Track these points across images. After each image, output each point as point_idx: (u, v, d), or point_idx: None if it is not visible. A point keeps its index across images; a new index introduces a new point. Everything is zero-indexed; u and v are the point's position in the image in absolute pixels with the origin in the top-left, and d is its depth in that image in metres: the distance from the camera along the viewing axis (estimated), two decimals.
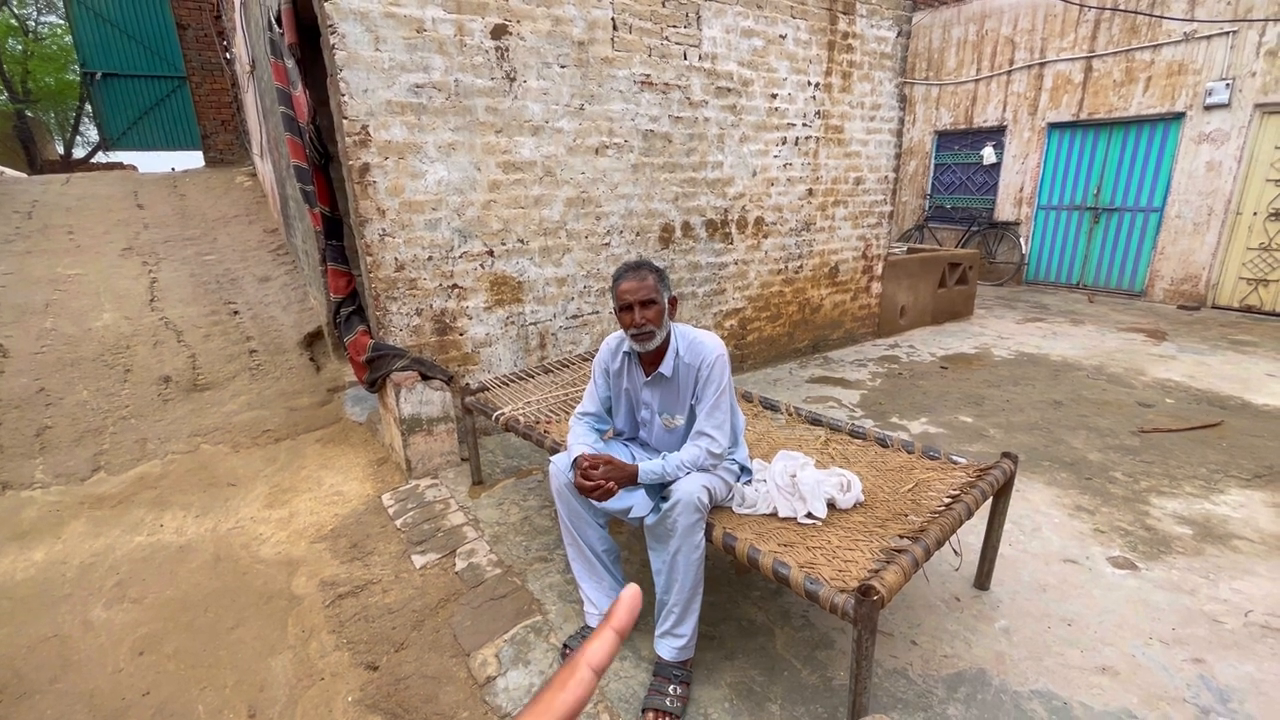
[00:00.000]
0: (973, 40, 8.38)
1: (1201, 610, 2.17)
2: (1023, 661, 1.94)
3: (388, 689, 2.00)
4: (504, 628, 2.17)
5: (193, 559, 2.75)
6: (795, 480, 1.95)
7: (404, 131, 3.00)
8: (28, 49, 17.66)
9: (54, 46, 18.06)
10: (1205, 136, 6.56)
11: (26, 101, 17.33)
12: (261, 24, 4.66)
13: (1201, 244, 6.75)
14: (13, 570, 2.69)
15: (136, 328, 4.87)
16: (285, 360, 4.77)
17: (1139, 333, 5.88)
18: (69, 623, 2.37)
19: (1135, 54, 6.93)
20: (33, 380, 4.12)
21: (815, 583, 1.54)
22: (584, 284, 3.79)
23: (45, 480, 3.38)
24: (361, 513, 3.03)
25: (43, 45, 17.96)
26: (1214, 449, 3.43)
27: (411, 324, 3.25)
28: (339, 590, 2.49)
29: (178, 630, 2.32)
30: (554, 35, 3.31)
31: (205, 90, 9.68)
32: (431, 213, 3.17)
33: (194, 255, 6.48)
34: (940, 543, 1.70)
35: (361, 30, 2.81)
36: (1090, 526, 2.69)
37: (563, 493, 1.97)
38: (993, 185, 8.55)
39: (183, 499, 3.23)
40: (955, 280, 6.37)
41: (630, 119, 3.71)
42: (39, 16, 18.42)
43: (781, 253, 4.77)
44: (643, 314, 1.89)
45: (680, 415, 2.04)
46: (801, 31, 4.34)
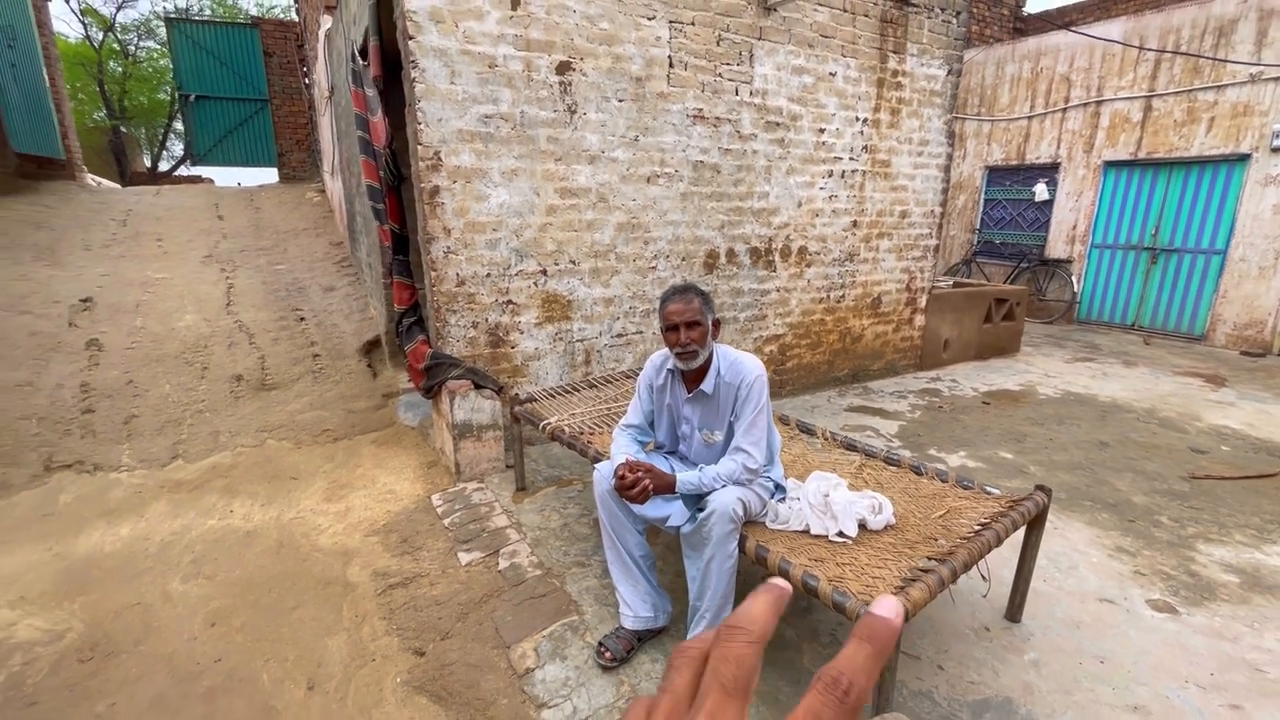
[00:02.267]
0: (1026, 77, 8.36)
1: (1243, 658, 2.13)
2: (1051, 694, 1.95)
3: (433, 673, 2.14)
4: (543, 624, 2.29)
5: (258, 544, 2.98)
6: (828, 499, 2.03)
7: (472, 158, 3.24)
8: (126, 70, 19.22)
9: (149, 69, 19.62)
10: (1272, 179, 6.36)
11: (122, 118, 18.84)
12: (344, 55, 5.06)
13: (1268, 289, 6.50)
14: (102, 543, 2.96)
15: (214, 329, 5.27)
16: (345, 365, 5.07)
17: (1196, 377, 5.70)
18: (150, 593, 2.60)
19: (1198, 94, 6.81)
20: (123, 373, 4.51)
21: (843, 595, 1.62)
22: (630, 305, 3.95)
23: (130, 464, 3.69)
24: (412, 511, 3.22)
25: (139, 68, 19.51)
26: (1270, 499, 3.32)
27: (468, 336, 3.45)
28: (390, 580, 2.66)
29: (245, 607, 2.52)
30: (614, 72, 3.54)
31: (284, 112, 10.41)
32: (492, 233, 3.39)
33: (266, 264, 6.95)
34: (968, 566, 1.75)
35: (440, 65, 3.07)
36: (1130, 568, 2.66)
37: (605, 499, 2.10)
38: (1044, 222, 8.43)
39: (250, 488, 3.49)
40: (1001, 316, 6.30)
41: (681, 150, 3.89)
42: (139, 41, 19.99)
43: (824, 282, 4.85)
44: (688, 334, 2.02)
45: (719, 431, 2.15)
46: (851, 69, 4.47)
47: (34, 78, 8.25)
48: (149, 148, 21.62)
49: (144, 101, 19.50)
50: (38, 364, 4.45)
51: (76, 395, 4.20)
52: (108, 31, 18.34)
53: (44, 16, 8.83)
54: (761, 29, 4.00)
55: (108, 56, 18.62)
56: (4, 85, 7.67)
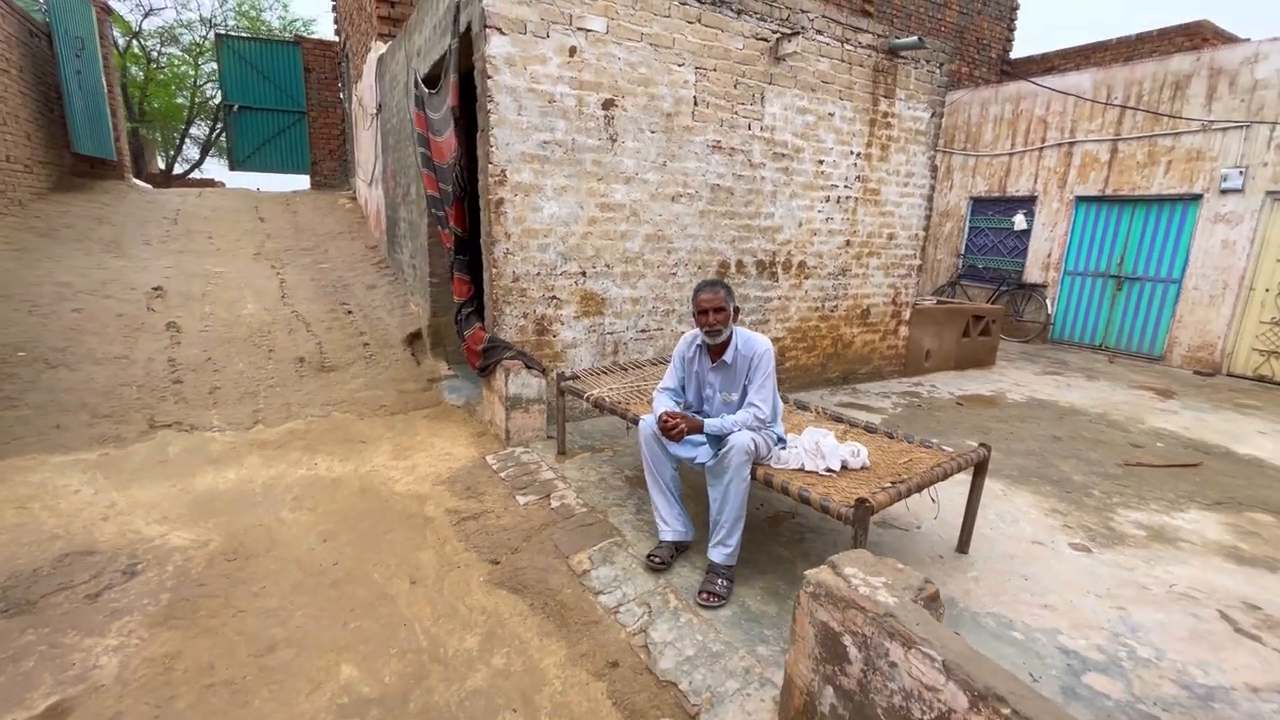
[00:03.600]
0: (1008, 118, 9.16)
1: (1135, 581, 2.77)
2: (984, 595, 2.58)
3: (509, 574, 2.75)
4: (593, 543, 2.90)
5: (344, 488, 3.58)
6: (819, 445, 2.66)
7: (531, 176, 3.91)
8: (148, 75, 19.94)
9: (170, 74, 20.32)
10: (1221, 217, 7.13)
11: (141, 121, 19.53)
12: (405, 81, 5.75)
13: (1217, 315, 7.23)
14: (216, 483, 3.55)
15: (275, 317, 5.89)
16: (392, 354, 5.69)
17: (1149, 390, 6.38)
18: (267, 518, 3.20)
19: (1157, 139, 7.60)
20: (202, 351, 5.12)
21: (828, 501, 2.25)
22: (653, 305, 4.60)
23: (220, 426, 4.28)
24: (470, 467, 3.82)
25: (160, 73, 20.19)
26: (1187, 482, 3.97)
27: (519, 324, 4.09)
28: (461, 515, 3.27)
29: (346, 530, 3.12)
30: (648, 108, 4.23)
31: (320, 124, 11.12)
32: (543, 238, 4.05)
33: (310, 263, 7.59)
34: (919, 489, 2.39)
35: (510, 100, 3.75)
36: (1060, 523, 3.30)
37: (649, 440, 2.73)
38: (1022, 249, 9.18)
39: (327, 448, 4.09)
40: (979, 331, 6.99)
41: (702, 175, 4.57)
42: (162, 48, 20.72)
43: (820, 293, 5.53)
44: (715, 317, 2.67)
45: (735, 393, 2.78)
46: (847, 110, 5.19)
47: (95, 84, 8.94)
48: (164, 150, 22.33)
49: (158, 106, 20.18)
50: (128, 341, 5.06)
51: (165, 368, 4.81)
52: (133, 38, 19.09)
53: (105, 29, 9.54)
54: (772, 75, 4.72)
55: (131, 61, 19.34)
56: (70, 91, 8.34)
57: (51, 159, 8.34)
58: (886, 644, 1.46)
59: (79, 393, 4.33)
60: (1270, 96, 6.71)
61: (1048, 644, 2.30)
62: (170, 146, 22.34)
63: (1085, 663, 2.20)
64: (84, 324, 5.16)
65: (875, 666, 1.49)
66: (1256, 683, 2.15)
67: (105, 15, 9.60)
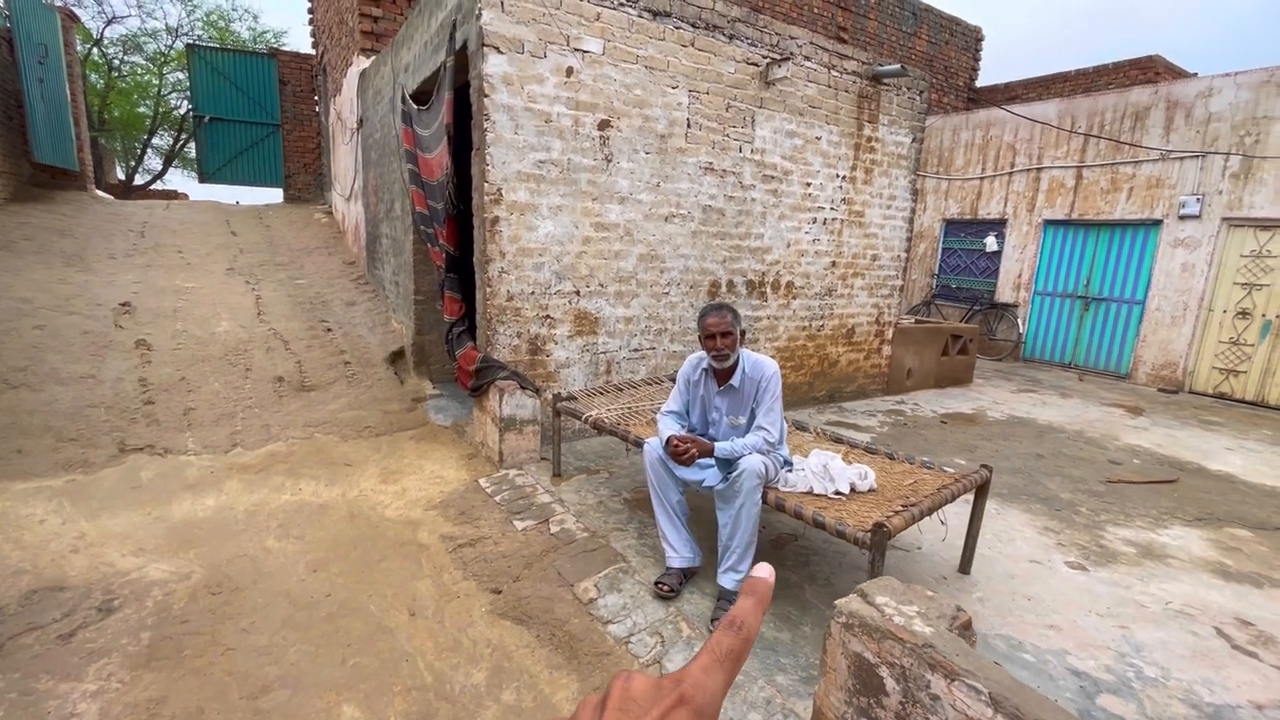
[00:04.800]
0: (978, 143, 9.48)
1: (1133, 598, 2.82)
2: (991, 617, 2.59)
3: (512, 604, 2.66)
4: (597, 569, 2.84)
5: (332, 514, 3.44)
6: (826, 467, 2.66)
7: (527, 195, 3.87)
8: (109, 84, 19.37)
9: (131, 83, 19.76)
10: (1180, 242, 7.46)
11: (101, 130, 18.92)
12: (390, 97, 5.69)
13: (1179, 335, 7.54)
14: (194, 510, 3.38)
15: (251, 335, 5.69)
16: (374, 373, 5.55)
17: (1119, 408, 6.59)
18: (251, 547, 3.05)
19: (1119, 167, 7.94)
20: (175, 370, 4.91)
21: (843, 525, 2.24)
22: (646, 324, 4.58)
23: (196, 449, 4.10)
24: (463, 491, 3.72)
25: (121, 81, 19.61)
26: (1167, 499, 4.09)
27: (512, 344, 4.03)
28: (458, 541, 3.17)
29: (337, 559, 3.00)
30: (643, 129, 4.24)
31: (294, 137, 10.91)
32: (538, 257, 4.01)
33: (286, 279, 7.38)
34: (930, 511, 2.40)
35: (507, 119, 3.72)
36: (1055, 541, 3.35)
37: (655, 464, 2.69)
38: (994, 270, 9.46)
39: (311, 472, 3.94)
40: (957, 350, 7.15)
41: (694, 196, 4.60)
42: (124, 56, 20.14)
43: (807, 312, 5.59)
44: (722, 341, 2.66)
45: (742, 416, 2.77)
46: (834, 135, 5.30)
47: (58, 93, 8.62)
48: (124, 161, 21.64)
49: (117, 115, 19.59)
50: (95, 360, 4.83)
51: (136, 388, 4.59)
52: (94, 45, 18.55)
53: (69, 36, 9.23)
54: (762, 99, 4.79)
55: (91, 69, 18.76)
56: (32, 99, 8.03)
57: (9, 168, 7.98)
58: (927, 675, 1.44)
59: (42, 415, 4.10)
60: (1223, 128, 7.09)
61: (1058, 666, 2.31)
62: (131, 156, 21.66)
63: (1097, 684, 2.22)
64: (46, 342, 4.90)
65: (915, 699, 1.47)
66: (1260, 700, 2.20)
67: (70, 23, 9.30)
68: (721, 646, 0.34)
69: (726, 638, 0.35)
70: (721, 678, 0.33)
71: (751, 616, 0.36)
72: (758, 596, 0.37)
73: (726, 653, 0.34)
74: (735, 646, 0.34)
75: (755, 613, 0.36)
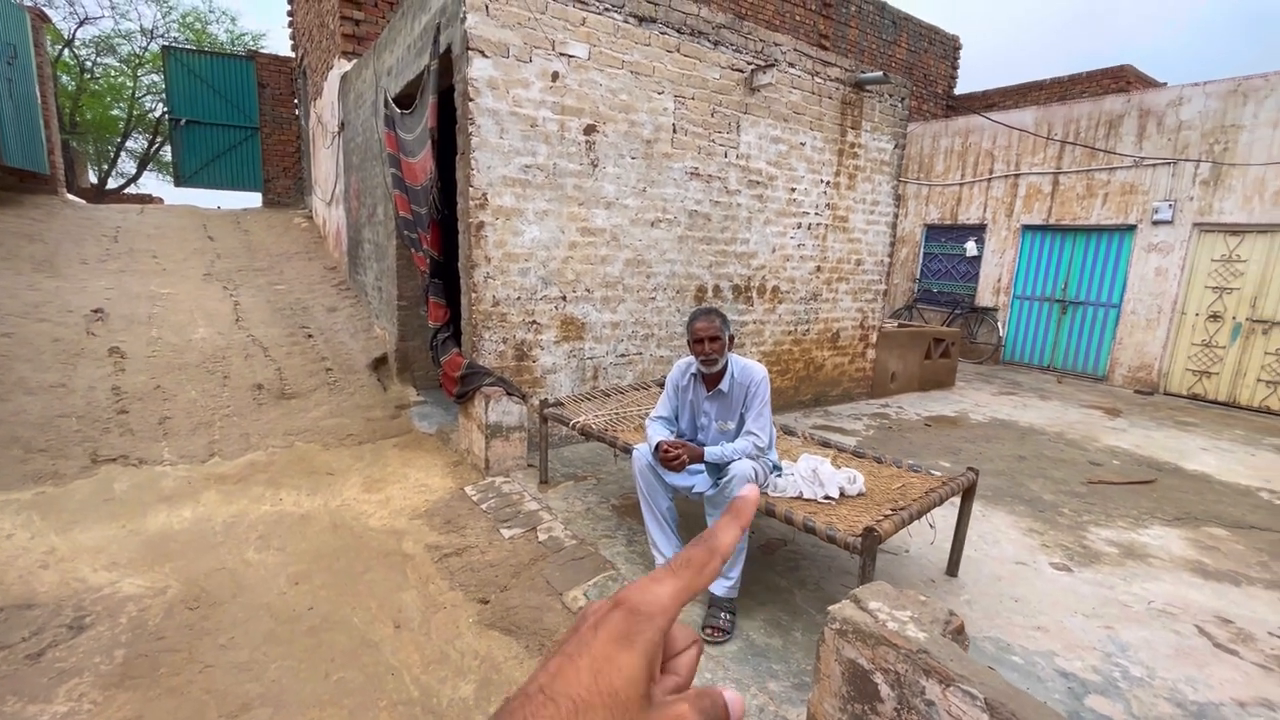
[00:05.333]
0: (958, 150, 9.63)
1: (1116, 599, 2.85)
2: (980, 619, 2.60)
3: (500, 614, 2.62)
4: (586, 577, 2.80)
5: (314, 524, 3.37)
6: (816, 472, 2.66)
7: (512, 200, 3.84)
8: (81, 85, 18.97)
9: (105, 85, 19.36)
10: (1154, 247, 7.63)
11: (73, 133, 18.51)
12: (373, 100, 5.63)
13: (1153, 337, 7.70)
14: (170, 523, 3.29)
15: (229, 342, 5.58)
16: (357, 379, 5.46)
17: (1098, 409, 6.70)
18: (231, 560, 2.97)
19: (1095, 173, 8.11)
20: (150, 379, 4.79)
21: (833, 530, 2.24)
22: (633, 329, 4.57)
23: (172, 459, 4.00)
24: (448, 499, 3.67)
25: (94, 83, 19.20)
26: (1146, 499, 4.16)
27: (498, 350, 3.99)
28: (444, 551, 3.12)
29: (320, 571, 2.93)
30: (629, 134, 4.24)
31: (273, 141, 10.76)
32: (524, 263, 3.98)
33: (266, 284, 7.26)
34: (919, 515, 2.41)
35: (492, 123, 3.70)
36: (1039, 542, 3.38)
37: (644, 471, 2.67)
38: (974, 274, 9.59)
39: (292, 481, 3.86)
40: (939, 354, 7.23)
41: (680, 201, 4.60)
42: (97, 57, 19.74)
43: (792, 317, 5.61)
44: (711, 346, 2.65)
45: (731, 421, 2.76)
46: (818, 140, 5.34)
47: (28, 94, 8.41)
48: (96, 164, 21.19)
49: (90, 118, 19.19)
50: (66, 368, 4.69)
51: (109, 397, 4.47)
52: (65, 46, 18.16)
53: (40, 36, 9.02)
54: (747, 105, 4.81)
55: (62, 70, 18.35)
56: (1, 100, 7.82)
57: None
58: (922, 682, 1.44)
59: (10, 425, 3.97)
60: (1193, 136, 7.27)
61: (1047, 667, 2.33)
62: (104, 160, 21.21)
63: (1085, 685, 2.23)
64: (15, 350, 4.76)
65: (910, 705, 1.47)
66: (1242, 697, 2.23)
67: (40, 23, 9.09)
68: (680, 556, 0.34)
69: (690, 549, 0.35)
70: (672, 584, 0.33)
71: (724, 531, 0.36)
72: (734, 512, 0.37)
73: (684, 561, 0.34)
74: (696, 556, 0.34)
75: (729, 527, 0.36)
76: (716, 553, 0.35)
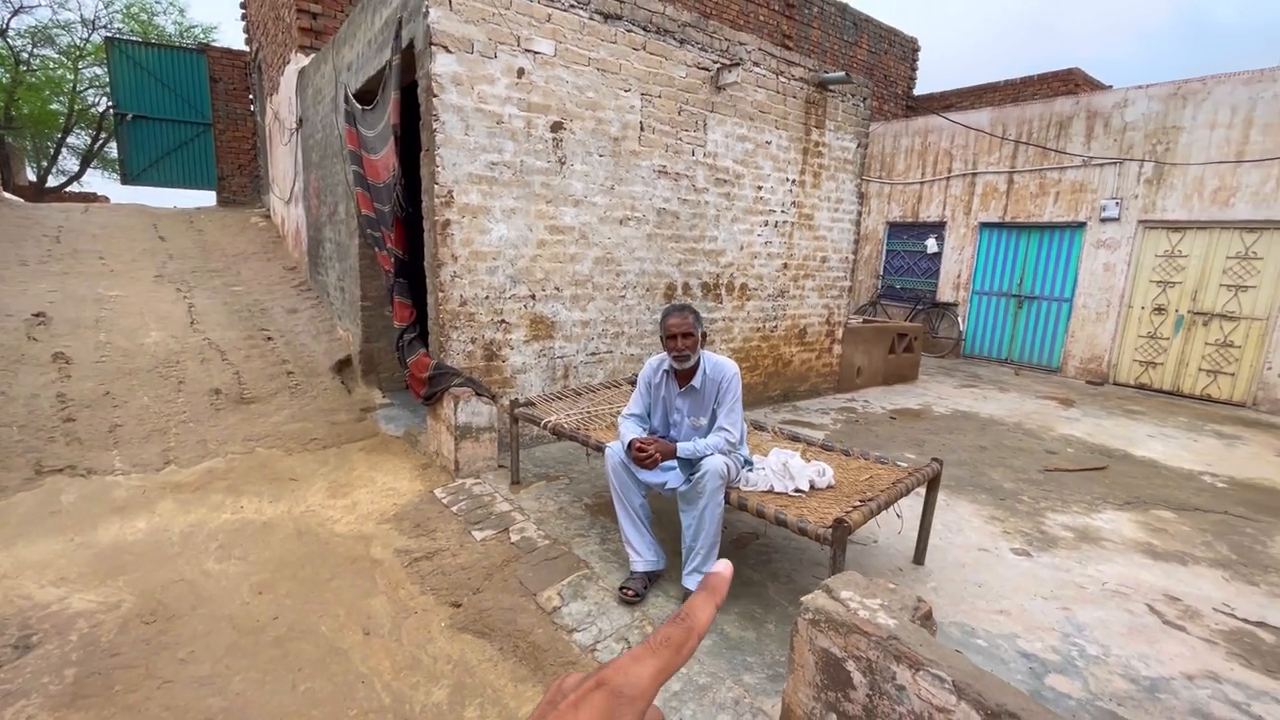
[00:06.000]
0: (918, 149, 9.87)
1: (1073, 581, 2.96)
2: (946, 605, 2.68)
3: (473, 617, 2.59)
4: (560, 577, 2.79)
5: (278, 532, 3.27)
6: (786, 465, 2.69)
7: (479, 197, 3.79)
8: (17, 78, 18.02)
9: (41, 78, 18.39)
10: (1102, 243, 7.95)
11: (8, 128, 17.59)
12: (331, 95, 5.49)
13: (1103, 330, 8.02)
14: (123, 534, 3.16)
15: (184, 346, 5.37)
16: (320, 382, 5.32)
17: (1053, 400, 6.96)
18: (190, 571, 2.87)
19: (1047, 173, 8.41)
20: (98, 385, 4.58)
21: (804, 522, 2.27)
22: (603, 328, 4.56)
23: (124, 469, 3.83)
24: (417, 503, 3.60)
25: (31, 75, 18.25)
26: (1099, 484, 4.33)
27: (467, 350, 3.93)
28: (414, 555, 3.06)
29: (285, 579, 2.85)
30: (596, 132, 4.22)
31: (228, 138, 10.40)
32: (492, 261, 3.93)
33: (222, 286, 7.01)
34: (887, 505, 2.46)
35: (457, 120, 3.64)
36: (1000, 529, 3.50)
37: (617, 469, 2.67)
38: (935, 271, 9.85)
39: (253, 488, 3.74)
40: (903, 348, 7.40)
41: (648, 199, 4.60)
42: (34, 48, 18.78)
43: (761, 314, 5.67)
44: (684, 342, 2.66)
45: (704, 418, 2.78)
46: (783, 139, 5.41)
47: None
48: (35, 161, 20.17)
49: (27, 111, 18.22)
50: (6, 375, 4.46)
51: (54, 405, 4.26)
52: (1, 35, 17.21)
53: None
54: (713, 103, 4.84)
55: None
56: None
57: None
58: (893, 667, 1.47)
59: None
60: (1137, 137, 7.60)
61: (1009, 649, 2.41)
62: (43, 156, 20.19)
63: (1045, 665, 2.32)
64: None
65: (882, 690, 1.50)
66: (1190, 670, 2.34)
67: None
68: (659, 635, 0.34)
69: (668, 627, 0.35)
70: (652, 665, 0.33)
71: (700, 609, 0.36)
72: (710, 589, 0.37)
73: (663, 641, 0.34)
74: (675, 635, 0.34)
75: (705, 605, 0.36)
76: (694, 632, 0.35)
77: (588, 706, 0.31)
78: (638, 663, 0.33)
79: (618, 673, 0.32)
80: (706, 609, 0.36)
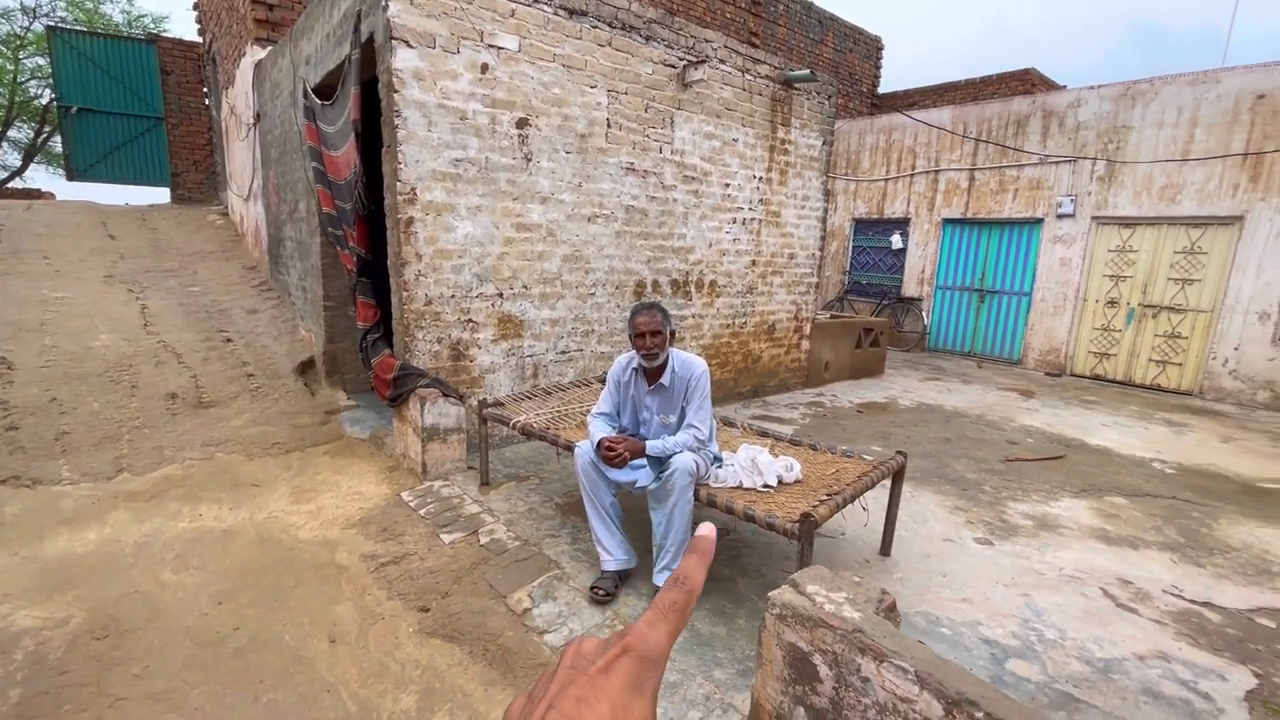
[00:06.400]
0: (883, 147, 10.04)
1: (1032, 568, 3.05)
2: (911, 595, 2.74)
3: (442, 621, 2.55)
4: (531, 578, 2.77)
5: (238, 540, 3.18)
6: (755, 461, 2.72)
7: (443, 195, 3.73)
8: None
9: None
10: (1058, 238, 8.20)
11: None
12: (289, 90, 5.33)
13: (1060, 323, 8.29)
14: (71, 547, 3.03)
15: (137, 349, 5.17)
16: (282, 385, 5.18)
17: (1014, 391, 7.16)
18: (144, 582, 2.77)
19: (1006, 170, 8.63)
20: (43, 391, 4.38)
21: (772, 517, 2.30)
22: (572, 326, 4.53)
23: (73, 478, 3.68)
24: (384, 506, 3.54)
25: None
26: (1056, 473, 4.47)
27: (433, 350, 3.87)
28: (380, 560, 3.01)
29: (247, 588, 2.77)
30: (563, 129, 4.19)
31: (181, 132, 10.03)
32: (457, 259, 3.87)
33: (177, 286, 6.77)
34: (853, 498, 2.50)
35: (419, 115, 3.57)
36: (964, 519, 3.59)
37: (587, 468, 2.66)
38: (900, 266, 10.04)
39: (213, 495, 3.63)
40: (869, 343, 7.53)
41: (616, 196, 4.59)
42: None
43: (730, 310, 5.71)
44: (652, 341, 2.66)
45: (673, 415, 2.78)
46: (750, 137, 5.44)
47: None
48: None
49: None
50: None
51: None
52: None
53: None
54: (680, 100, 4.85)
55: None
56: None
57: None
58: (858, 660, 1.50)
59: None
60: (1090, 136, 7.85)
61: (972, 636, 2.47)
62: None
63: (1005, 650, 2.39)
64: None
65: (848, 683, 1.52)
66: (1141, 651, 2.44)
67: None
68: (665, 601, 0.36)
69: (670, 592, 0.36)
70: (665, 629, 0.34)
71: (695, 571, 0.37)
72: (700, 552, 0.38)
73: (670, 605, 0.35)
74: (679, 599, 0.36)
75: (699, 568, 0.37)
76: (694, 595, 0.37)
77: (619, 670, 0.32)
78: (654, 628, 0.34)
79: (639, 639, 0.34)
80: (700, 572, 0.37)
